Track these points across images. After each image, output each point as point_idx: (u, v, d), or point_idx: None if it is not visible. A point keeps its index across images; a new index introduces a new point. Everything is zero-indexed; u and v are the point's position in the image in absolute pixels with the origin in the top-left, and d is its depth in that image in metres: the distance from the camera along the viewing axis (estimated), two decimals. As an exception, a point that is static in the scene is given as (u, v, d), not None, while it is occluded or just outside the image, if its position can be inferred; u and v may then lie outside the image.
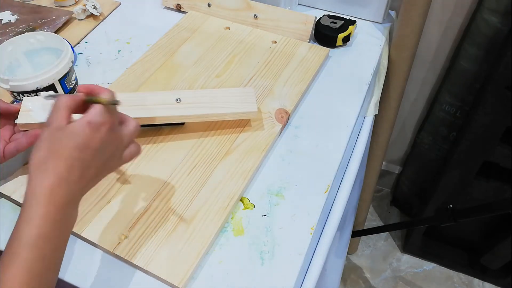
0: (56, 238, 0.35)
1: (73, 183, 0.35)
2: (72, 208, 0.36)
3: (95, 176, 0.38)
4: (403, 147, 1.21)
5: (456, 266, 1.23)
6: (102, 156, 0.37)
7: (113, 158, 0.39)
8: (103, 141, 0.37)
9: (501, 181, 0.95)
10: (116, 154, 0.40)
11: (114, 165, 0.41)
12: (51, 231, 0.34)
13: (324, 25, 0.73)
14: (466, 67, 0.86)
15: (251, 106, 0.57)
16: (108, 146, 0.38)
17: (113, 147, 0.38)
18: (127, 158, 0.41)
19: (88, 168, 0.36)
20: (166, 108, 0.55)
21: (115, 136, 0.39)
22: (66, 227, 0.36)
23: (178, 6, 0.80)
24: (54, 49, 0.59)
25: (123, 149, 0.41)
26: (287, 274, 0.46)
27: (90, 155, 0.36)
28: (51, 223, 0.34)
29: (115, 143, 0.39)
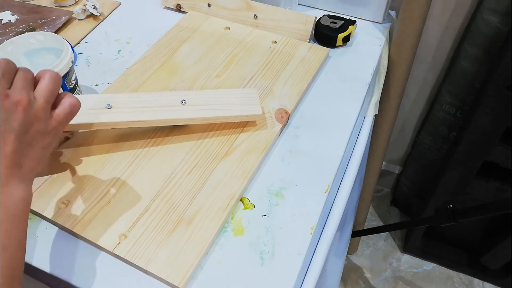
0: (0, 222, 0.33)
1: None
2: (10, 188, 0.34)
3: (20, 150, 0.35)
4: (403, 147, 1.21)
5: (456, 266, 1.23)
6: (12, 127, 0.34)
7: (33, 124, 0.36)
8: (3, 113, 0.34)
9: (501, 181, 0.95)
10: (36, 117, 0.36)
11: (43, 129, 0.37)
12: None
13: (324, 25, 0.73)
14: (466, 67, 0.86)
15: (256, 108, 0.57)
16: (14, 114, 0.34)
17: (22, 113, 0.35)
18: (61, 116, 0.38)
19: (3, 145, 0.34)
20: (172, 110, 0.55)
21: (16, 102, 0.35)
22: (7, 207, 0.34)
23: (178, 6, 0.80)
24: (54, 49, 0.59)
25: (43, 109, 0.37)
26: (287, 274, 0.46)
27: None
28: None
29: (22, 108, 0.35)
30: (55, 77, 0.39)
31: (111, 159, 0.55)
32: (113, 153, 0.55)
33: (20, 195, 0.35)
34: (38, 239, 0.49)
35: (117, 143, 0.57)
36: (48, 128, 0.38)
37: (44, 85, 0.38)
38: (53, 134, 0.39)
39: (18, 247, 0.35)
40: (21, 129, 0.35)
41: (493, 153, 0.89)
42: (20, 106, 0.35)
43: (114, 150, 0.56)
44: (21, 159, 0.36)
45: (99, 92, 0.65)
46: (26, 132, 0.36)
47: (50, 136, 0.38)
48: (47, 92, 0.38)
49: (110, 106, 0.53)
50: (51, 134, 0.39)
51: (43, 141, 0.38)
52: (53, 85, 0.38)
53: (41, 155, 0.38)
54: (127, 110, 0.53)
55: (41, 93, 0.37)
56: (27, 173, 0.36)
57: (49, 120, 0.38)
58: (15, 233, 0.34)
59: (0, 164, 0.34)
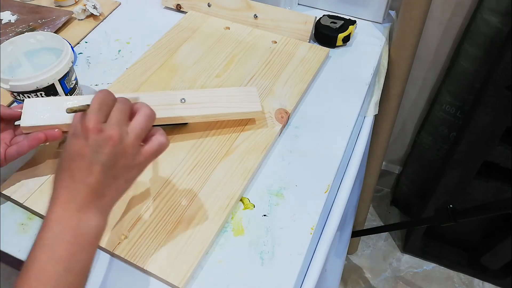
0: (70, 243, 0.35)
1: (76, 190, 0.36)
2: (87, 215, 0.36)
3: (104, 182, 0.36)
4: (403, 147, 1.21)
5: (456, 266, 1.23)
6: (100, 160, 0.36)
7: (121, 158, 0.37)
8: (93, 146, 0.36)
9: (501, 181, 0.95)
10: (124, 153, 0.37)
11: (130, 163, 0.38)
12: (63, 235, 0.35)
13: (324, 25, 0.73)
14: (466, 67, 0.86)
15: (255, 105, 0.58)
16: (104, 148, 0.36)
17: (111, 147, 0.36)
18: (149, 152, 0.39)
19: (88, 175, 0.36)
20: (171, 109, 0.55)
21: (108, 137, 0.36)
22: (81, 233, 0.35)
23: (178, 6, 0.80)
24: (54, 49, 0.59)
25: (132, 145, 0.38)
26: (287, 274, 0.46)
27: (85, 161, 0.36)
28: (63, 227, 0.35)
29: (112, 142, 0.36)
30: (150, 115, 0.40)
31: (111, 159, 0.55)
32: (113, 153, 0.55)
33: (95, 224, 0.36)
34: (38, 239, 0.48)
35: (117, 143, 0.56)
36: (134, 162, 0.38)
37: (138, 122, 0.39)
38: (138, 168, 0.39)
39: (82, 272, 0.36)
40: (109, 162, 0.36)
41: (493, 153, 0.89)
42: (111, 141, 0.36)
43: (114, 150, 0.56)
44: (104, 190, 0.37)
45: (99, 92, 0.65)
46: (113, 166, 0.37)
47: (135, 170, 0.39)
48: (139, 129, 0.38)
49: None
50: (136, 168, 0.39)
51: (128, 175, 0.39)
52: (147, 122, 0.39)
53: (124, 187, 0.39)
54: None
55: (134, 129, 0.38)
56: (107, 204, 0.38)
57: (136, 155, 0.38)
58: (81, 258, 0.36)
59: (83, 191, 0.36)
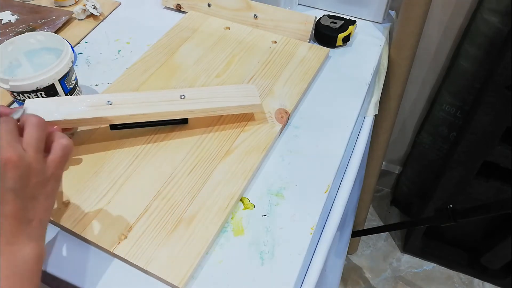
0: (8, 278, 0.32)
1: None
2: (18, 246, 0.33)
3: (23, 206, 0.34)
4: (403, 147, 1.21)
5: (456, 266, 1.23)
6: (8, 187, 0.33)
7: (29, 177, 0.34)
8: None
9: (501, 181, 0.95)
10: (30, 170, 0.35)
11: (42, 179, 0.36)
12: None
13: (324, 25, 0.73)
14: (466, 67, 0.86)
15: (255, 99, 0.58)
16: (6, 173, 0.33)
17: (14, 170, 0.33)
18: (56, 161, 0.37)
19: (4, 205, 0.33)
20: (171, 104, 0.55)
21: (6, 160, 0.33)
22: (17, 264, 0.33)
23: (178, 6, 0.80)
24: (54, 49, 0.59)
25: (35, 160, 0.35)
26: (287, 274, 0.46)
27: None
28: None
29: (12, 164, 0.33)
30: (39, 123, 0.37)
31: (111, 158, 0.55)
32: (113, 152, 0.55)
33: (30, 253, 0.34)
34: (38, 239, 0.49)
35: (117, 142, 0.57)
36: (46, 176, 0.36)
37: (30, 135, 0.36)
38: (54, 180, 0.38)
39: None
40: (18, 185, 0.34)
41: (493, 153, 0.89)
42: (11, 164, 0.33)
43: (114, 150, 0.56)
44: (27, 214, 0.35)
45: (99, 92, 0.65)
46: (25, 187, 0.34)
47: (51, 183, 0.37)
48: (35, 141, 0.36)
49: (110, 102, 0.53)
50: (51, 180, 0.37)
51: (45, 190, 0.36)
52: (39, 132, 0.37)
53: (47, 204, 0.37)
54: (126, 105, 0.53)
55: (29, 144, 0.35)
56: (37, 227, 0.36)
57: (44, 168, 0.36)
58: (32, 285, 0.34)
59: (5, 224, 0.33)
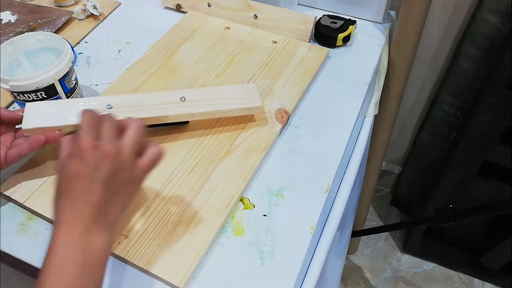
0: (79, 265, 0.34)
1: (79, 211, 0.35)
2: (93, 235, 0.35)
3: (106, 199, 0.36)
4: (403, 147, 1.21)
5: (456, 266, 1.23)
6: (99, 177, 0.36)
7: (120, 173, 0.37)
8: (91, 164, 0.36)
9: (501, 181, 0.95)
10: (122, 167, 0.37)
11: (129, 177, 0.38)
12: (71, 258, 0.34)
13: (324, 25, 0.73)
14: (466, 67, 0.86)
15: (255, 101, 0.58)
16: (102, 165, 0.36)
17: (109, 164, 0.36)
18: (145, 164, 0.39)
19: (90, 193, 0.35)
20: (172, 107, 0.55)
21: (105, 153, 0.36)
22: (88, 253, 0.35)
23: (178, 6, 0.80)
24: (54, 49, 0.59)
25: (129, 160, 0.38)
26: (287, 274, 0.46)
27: (85, 181, 0.35)
28: (69, 250, 0.34)
29: (109, 159, 0.36)
30: (141, 128, 0.40)
31: (111, 159, 0.55)
32: (113, 153, 0.55)
33: (101, 244, 0.36)
34: (39, 239, 0.49)
35: (117, 143, 0.56)
36: (133, 176, 0.38)
37: (130, 136, 0.39)
38: (137, 182, 0.39)
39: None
40: (108, 179, 0.36)
41: (493, 153, 0.89)
42: (108, 157, 0.36)
43: (114, 150, 0.56)
44: (107, 207, 0.37)
45: (99, 92, 0.65)
46: (113, 182, 0.37)
47: (135, 184, 0.39)
48: (133, 143, 0.39)
49: (110, 106, 0.53)
50: (136, 181, 0.39)
51: (128, 190, 0.38)
52: (139, 135, 0.40)
53: (125, 203, 0.39)
54: (127, 109, 0.53)
55: (128, 144, 0.38)
56: (112, 221, 0.37)
57: (134, 169, 0.38)
58: (91, 280, 0.35)
59: (86, 211, 0.35)
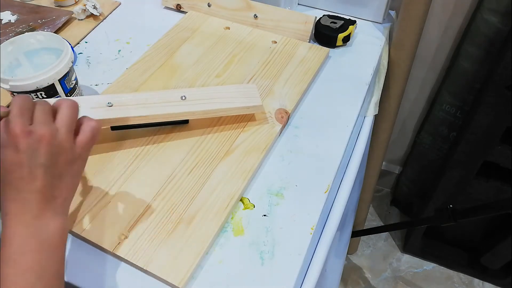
0: (35, 251, 0.34)
1: (25, 200, 0.35)
2: (44, 221, 0.35)
3: (51, 183, 0.36)
4: (403, 147, 1.21)
5: (456, 266, 1.23)
6: (39, 163, 0.35)
7: (59, 155, 0.36)
8: (27, 150, 0.35)
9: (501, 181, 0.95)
10: (61, 149, 0.36)
11: (70, 158, 0.37)
12: (26, 245, 0.34)
13: (324, 25, 0.73)
14: (466, 67, 0.86)
15: (255, 100, 0.58)
16: (39, 150, 0.35)
17: (46, 147, 0.35)
18: (84, 141, 0.39)
19: (32, 181, 0.35)
20: (172, 105, 0.55)
21: (39, 137, 0.35)
22: (43, 238, 0.35)
23: (178, 6, 0.80)
24: (54, 49, 0.59)
25: (66, 139, 0.37)
26: (287, 274, 0.46)
27: (24, 169, 0.35)
28: (23, 238, 0.34)
29: (45, 142, 0.35)
30: (73, 105, 0.39)
31: (111, 159, 0.55)
32: (113, 153, 0.55)
33: (55, 227, 0.36)
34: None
35: (117, 143, 0.57)
36: (74, 156, 0.38)
37: (63, 115, 0.38)
38: (81, 160, 0.39)
39: (54, 276, 0.35)
40: (48, 162, 0.35)
41: (493, 153, 0.89)
42: (44, 141, 0.35)
43: (114, 150, 0.56)
44: (54, 192, 0.36)
45: (99, 92, 0.65)
46: (54, 165, 0.36)
47: (78, 163, 0.39)
48: (67, 121, 0.38)
49: (111, 104, 0.53)
50: (79, 160, 0.39)
51: (72, 170, 0.38)
52: (72, 113, 0.39)
53: (72, 184, 0.39)
54: (127, 107, 0.53)
55: (62, 123, 0.38)
56: (61, 204, 0.37)
57: (73, 148, 0.38)
58: (51, 263, 0.35)
59: (33, 199, 0.35)
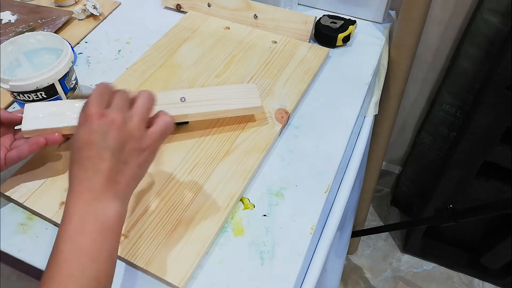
0: (92, 232, 0.35)
1: (89, 180, 0.36)
2: (105, 203, 0.36)
3: (116, 167, 0.36)
4: (403, 147, 1.21)
5: (456, 266, 1.23)
6: (107, 145, 0.36)
7: (128, 142, 0.37)
8: (98, 131, 0.36)
9: (501, 181, 0.95)
10: (130, 136, 0.38)
11: (138, 147, 0.38)
12: (84, 225, 0.35)
13: (324, 25, 0.73)
14: (466, 67, 0.86)
15: (255, 101, 0.58)
16: (109, 133, 0.36)
17: (116, 131, 0.37)
18: (155, 134, 0.39)
19: (99, 162, 0.36)
20: (172, 107, 0.55)
21: (111, 121, 0.37)
22: (101, 220, 0.35)
23: (178, 6, 0.80)
24: (54, 49, 0.59)
25: (137, 128, 0.38)
26: (287, 274, 0.46)
27: (94, 149, 0.36)
28: (82, 217, 0.35)
29: (116, 126, 0.37)
30: (151, 97, 0.41)
31: (111, 159, 0.55)
32: (113, 153, 0.55)
33: (114, 210, 0.36)
34: (39, 239, 0.49)
35: (117, 143, 0.56)
36: (143, 145, 0.39)
37: (139, 104, 0.39)
38: (149, 152, 0.40)
39: (108, 259, 0.36)
40: (117, 146, 0.36)
41: (493, 153, 0.89)
42: (115, 125, 0.37)
43: (114, 150, 0.56)
44: (117, 176, 0.37)
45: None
46: (122, 150, 0.37)
47: (146, 154, 0.39)
48: (142, 110, 0.39)
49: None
50: (147, 151, 0.39)
51: (138, 159, 0.38)
52: (148, 104, 0.40)
53: (137, 172, 0.39)
54: None
55: (136, 111, 0.39)
56: (123, 190, 0.38)
57: (143, 138, 0.39)
58: (105, 247, 0.35)
59: (96, 180, 0.36)
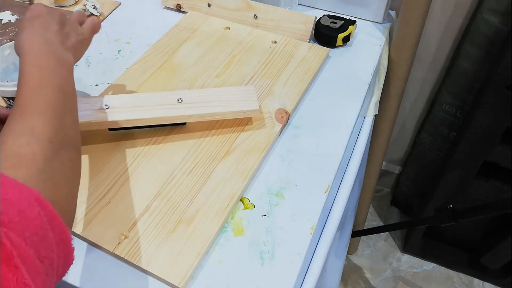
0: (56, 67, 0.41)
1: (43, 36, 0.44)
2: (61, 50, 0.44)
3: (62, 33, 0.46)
4: (403, 147, 1.21)
5: (456, 266, 1.23)
6: (54, 18, 0.47)
7: (67, 24, 0.48)
8: (46, 9, 0.47)
9: (501, 181, 0.95)
10: (68, 22, 0.49)
11: (74, 29, 0.49)
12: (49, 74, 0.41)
13: (324, 25, 0.73)
14: (466, 67, 0.86)
15: (253, 104, 0.57)
16: (54, 14, 0.47)
17: (59, 14, 0.48)
18: (86, 26, 0.51)
19: (49, 26, 0.45)
20: (168, 108, 0.55)
21: (55, 10, 0.48)
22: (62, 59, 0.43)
23: (178, 6, 0.80)
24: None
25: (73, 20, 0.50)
26: (287, 274, 0.46)
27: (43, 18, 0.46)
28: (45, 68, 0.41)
29: (59, 12, 0.48)
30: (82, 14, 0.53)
31: (111, 159, 0.55)
32: (113, 153, 0.55)
33: (69, 56, 0.46)
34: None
35: (117, 143, 0.57)
36: (78, 31, 0.50)
37: (76, 12, 0.53)
38: (83, 38, 0.50)
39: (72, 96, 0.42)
40: (60, 22, 0.47)
41: (493, 153, 0.89)
42: (58, 12, 0.49)
43: (114, 150, 0.56)
44: (64, 40, 0.47)
45: (99, 93, 0.65)
46: (64, 25, 0.48)
47: (81, 37, 0.50)
48: (77, 13, 0.52)
49: (107, 106, 0.53)
50: (81, 36, 0.50)
51: (77, 37, 0.49)
52: (82, 14, 0.52)
53: (77, 44, 0.48)
54: (123, 109, 0.54)
55: (73, 16, 0.51)
56: (70, 48, 0.47)
57: (77, 27, 0.50)
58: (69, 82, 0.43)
59: (50, 34, 0.45)
